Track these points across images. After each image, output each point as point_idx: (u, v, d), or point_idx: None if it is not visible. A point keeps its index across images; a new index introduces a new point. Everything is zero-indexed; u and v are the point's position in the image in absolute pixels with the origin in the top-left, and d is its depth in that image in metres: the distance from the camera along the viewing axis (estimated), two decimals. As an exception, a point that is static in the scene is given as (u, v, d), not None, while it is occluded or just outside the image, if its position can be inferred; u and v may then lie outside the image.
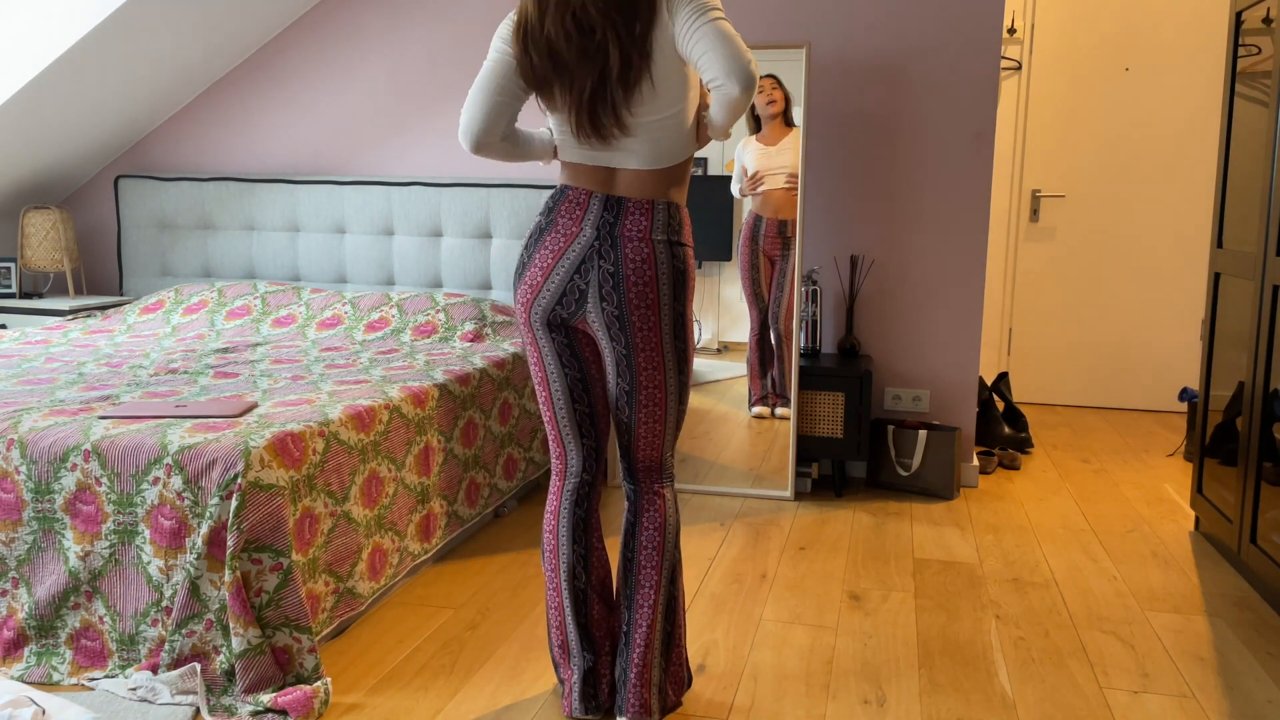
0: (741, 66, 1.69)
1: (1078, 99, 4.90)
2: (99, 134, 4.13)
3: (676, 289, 1.87)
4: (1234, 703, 2.11)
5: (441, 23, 3.96)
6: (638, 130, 1.82)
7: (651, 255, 1.85)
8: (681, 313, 1.89)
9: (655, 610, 1.93)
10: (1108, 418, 4.88)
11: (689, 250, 1.92)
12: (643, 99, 1.80)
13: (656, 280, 1.85)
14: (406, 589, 2.64)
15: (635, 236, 1.85)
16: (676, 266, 1.87)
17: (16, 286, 4.24)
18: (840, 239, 3.72)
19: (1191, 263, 4.90)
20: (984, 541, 3.09)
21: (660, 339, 1.88)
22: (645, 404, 1.92)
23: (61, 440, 2.13)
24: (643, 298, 1.85)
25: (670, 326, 1.89)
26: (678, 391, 1.94)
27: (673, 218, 1.88)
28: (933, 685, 2.16)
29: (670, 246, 1.87)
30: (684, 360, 1.93)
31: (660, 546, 1.95)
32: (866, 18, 3.59)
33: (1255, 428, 2.66)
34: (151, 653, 2.08)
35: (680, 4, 1.75)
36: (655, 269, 1.85)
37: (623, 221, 1.86)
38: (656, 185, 1.87)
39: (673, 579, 1.97)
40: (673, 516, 1.98)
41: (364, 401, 2.46)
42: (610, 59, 1.76)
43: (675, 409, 1.95)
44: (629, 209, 1.86)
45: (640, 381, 1.91)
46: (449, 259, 3.89)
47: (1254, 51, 2.83)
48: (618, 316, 1.87)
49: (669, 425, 1.95)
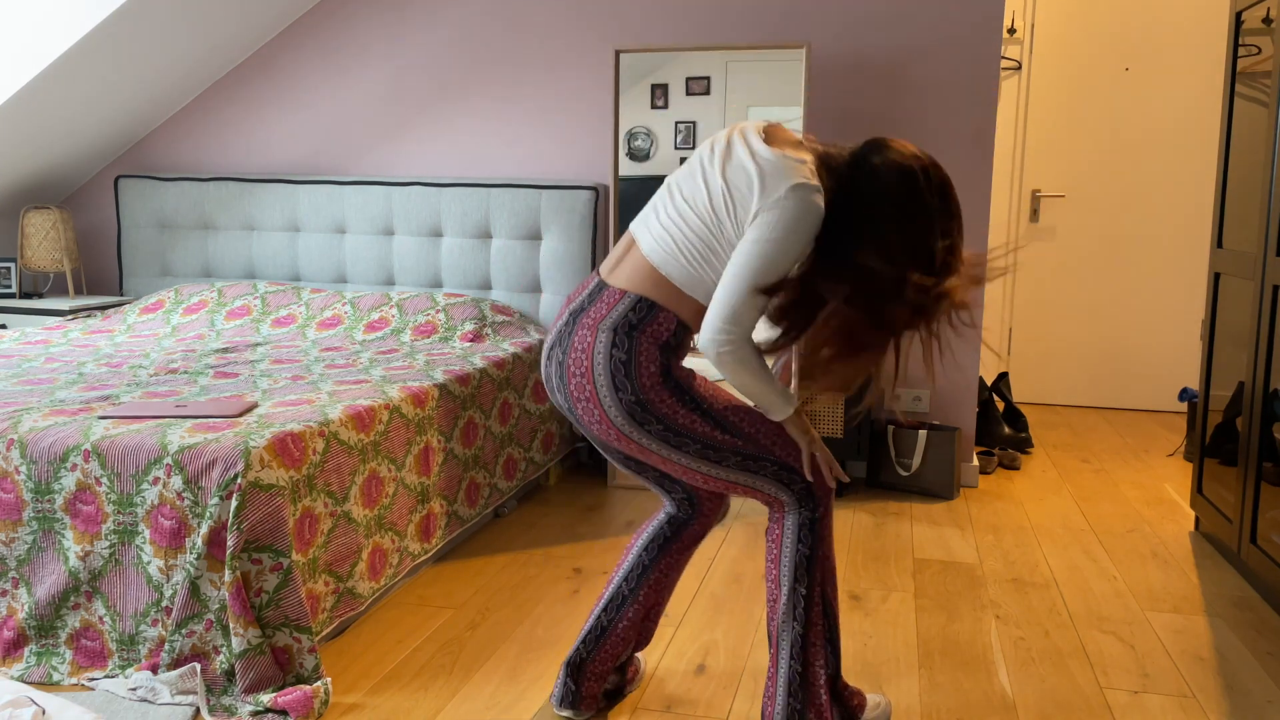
0: (710, 329, 1.64)
1: (1078, 99, 4.90)
2: (99, 134, 4.13)
3: (617, 380, 1.71)
4: (1234, 703, 2.11)
5: (441, 23, 3.96)
6: (676, 198, 1.76)
7: (590, 344, 1.74)
8: (638, 400, 1.72)
9: (777, 647, 1.84)
10: (1108, 418, 4.88)
11: (643, 340, 1.72)
12: (703, 178, 1.74)
13: (592, 371, 1.72)
14: (406, 589, 2.64)
15: (587, 324, 1.76)
16: (616, 356, 1.71)
17: (16, 286, 4.24)
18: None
19: (1191, 263, 4.90)
20: (984, 541, 3.09)
21: (623, 435, 1.75)
22: (666, 474, 1.90)
23: (61, 440, 2.13)
24: (581, 390, 1.74)
25: (624, 419, 1.73)
26: (690, 458, 1.77)
27: (639, 314, 1.73)
28: (933, 685, 2.16)
29: (614, 333, 1.72)
30: (676, 438, 1.75)
31: (775, 578, 1.83)
32: (866, 18, 3.59)
33: (1255, 428, 2.66)
34: (151, 653, 2.08)
35: (764, 193, 1.66)
36: (591, 359, 1.73)
37: (590, 308, 1.78)
38: (650, 282, 1.75)
39: (794, 613, 1.81)
40: (789, 548, 1.82)
41: (364, 401, 2.46)
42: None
43: (704, 465, 1.78)
44: (603, 295, 1.78)
45: (645, 464, 1.88)
46: (449, 259, 3.89)
47: (1254, 51, 2.83)
48: (569, 410, 1.79)
49: (715, 475, 1.80)
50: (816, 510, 1.81)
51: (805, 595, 1.80)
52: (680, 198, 1.76)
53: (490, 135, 3.98)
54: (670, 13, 3.75)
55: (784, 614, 1.81)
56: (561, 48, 3.86)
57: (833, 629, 1.84)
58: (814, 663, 1.81)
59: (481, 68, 3.95)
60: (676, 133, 3.49)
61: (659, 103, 3.50)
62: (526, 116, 3.93)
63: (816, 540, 1.81)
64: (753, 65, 3.42)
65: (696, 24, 3.73)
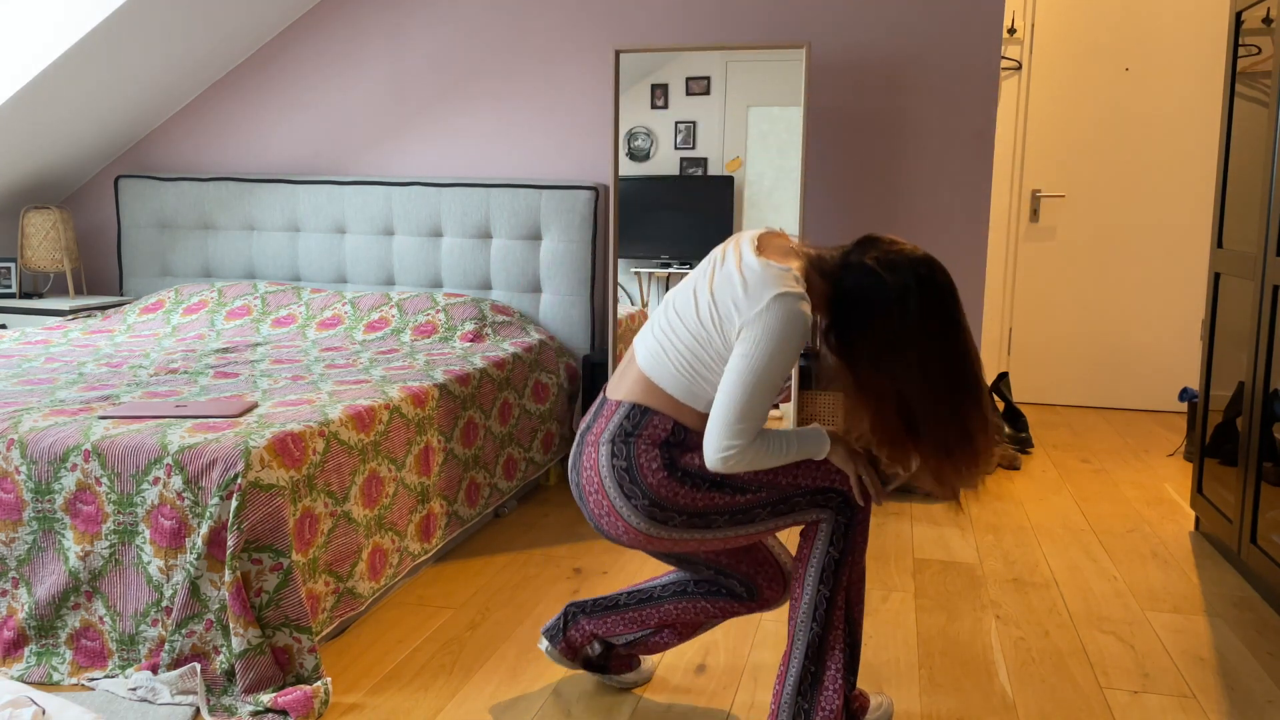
0: (710, 449, 1.65)
1: (1078, 99, 4.90)
2: (99, 134, 4.13)
3: (625, 489, 1.73)
4: (1234, 703, 2.11)
5: (441, 23, 3.96)
6: (671, 316, 1.78)
7: (595, 460, 1.76)
8: (652, 502, 1.73)
9: (791, 644, 1.83)
10: (1108, 418, 4.88)
11: (639, 444, 1.73)
12: (694, 292, 1.76)
13: (603, 486, 1.75)
14: (406, 589, 2.64)
15: (591, 441, 1.79)
16: (618, 466, 1.73)
17: (16, 286, 4.24)
18: (840, 239, 3.72)
19: (1191, 263, 4.90)
20: (984, 541, 3.09)
21: (652, 537, 1.76)
22: (720, 567, 1.94)
23: (61, 440, 2.13)
24: (600, 506, 1.77)
25: (646, 521, 1.74)
26: (724, 529, 1.77)
27: (634, 421, 1.75)
28: (933, 685, 2.16)
29: (612, 444, 1.74)
30: (703, 520, 1.75)
31: (801, 576, 1.82)
32: (866, 18, 3.59)
33: (1255, 428, 2.66)
34: (151, 653, 2.08)
35: (749, 304, 1.66)
36: (599, 474, 1.75)
37: (594, 425, 1.81)
38: (644, 391, 1.77)
39: (814, 614, 1.80)
40: (819, 549, 1.80)
41: (364, 401, 2.46)
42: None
43: (741, 530, 1.78)
44: (603, 411, 1.81)
45: (692, 558, 1.93)
46: (449, 259, 3.89)
47: (1254, 51, 2.83)
48: (599, 528, 1.82)
49: (755, 532, 1.80)
50: (855, 516, 1.81)
51: (828, 598, 1.79)
52: (674, 311, 1.79)
53: (490, 135, 3.98)
54: (670, 12, 3.75)
55: (804, 614, 1.80)
56: (561, 47, 3.86)
57: (853, 636, 1.82)
58: (829, 667, 1.80)
59: (482, 67, 3.95)
60: (676, 133, 3.49)
61: (659, 103, 3.50)
62: (526, 116, 3.93)
63: (849, 546, 1.80)
64: (753, 65, 3.42)
65: (696, 24, 3.73)
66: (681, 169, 3.48)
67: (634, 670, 2.13)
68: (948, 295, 1.71)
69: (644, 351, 1.79)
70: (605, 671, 2.10)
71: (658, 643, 2.05)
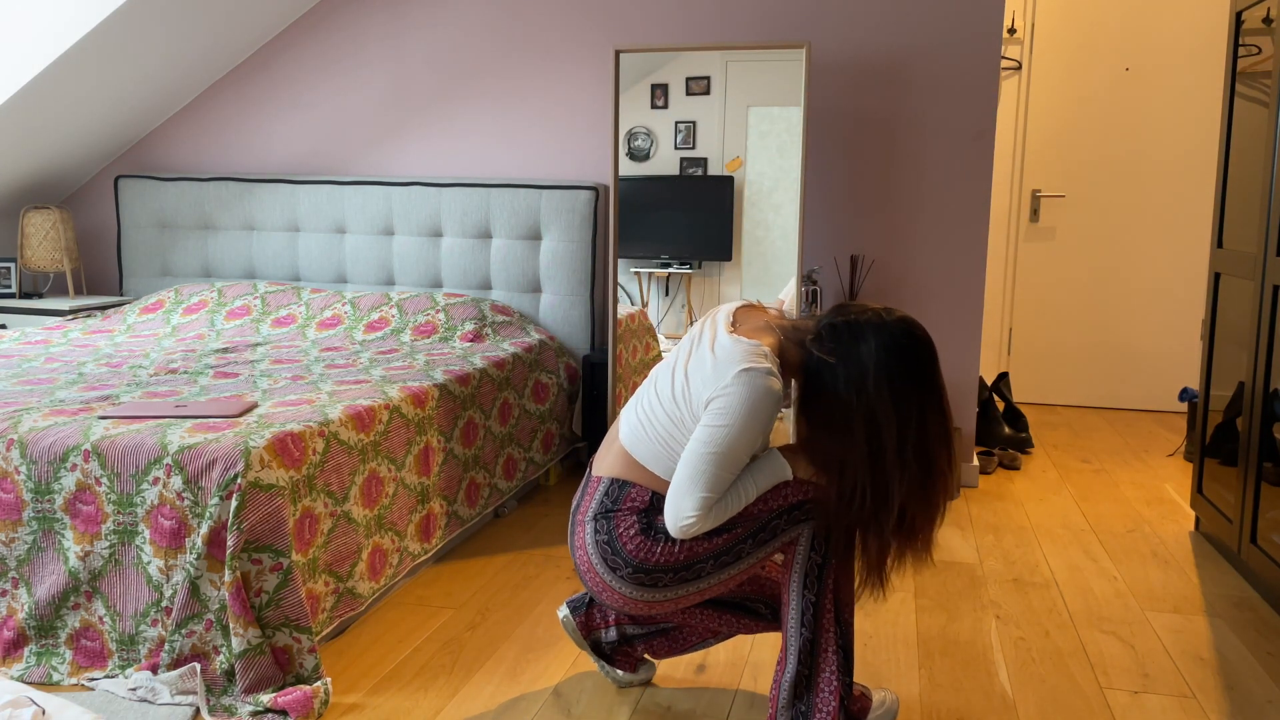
0: (670, 519, 1.68)
1: (1078, 99, 4.90)
2: (99, 134, 4.13)
3: (610, 562, 1.77)
4: (1234, 703, 2.11)
5: (441, 23, 3.96)
6: (651, 403, 1.81)
7: (584, 539, 1.81)
8: (636, 569, 1.76)
9: (784, 650, 1.83)
10: (1108, 418, 4.88)
11: (619, 517, 1.77)
12: (672, 368, 1.80)
13: (591, 563, 1.79)
14: (406, 589, 2.64)
15: (579, 520, 1.83)
16: (601, 541, 1.77)
17: (16, 286, 4.24)
18: (840, 239, 3.72)
19: (1191, 263, 4.90)
20: (984, 541, 3.09)
21: (649, 603, 1.80)
22: (719, 626, 1.99)
23: (61, 440, 2.13)
24: (596, 583, 1.81)
25: (636, 589, 1.77)
26: (714, 574, 1.79)
27: (613, 497, 1.79)
28: (933, 685, 2.16)
29: (595, 521, 1.79)
30: (690, 571, 1.77)
31: (787, 582, 1.83)
32: (866, 18, 3.59)
33: (1255, 428, 2.66)
34: (151, 653, 2.08)
35: (716, 379, 1.68)
36: (587, 553, 1.80)
37: (582, 503, 1.85)
38: (623, 465, 1.80)
39: (802, 619, 1.81)
40: (801, 554, 1.80)
41: (364, 401, 2.46)
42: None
43: (730, 570, 1.79)
44: (589, 488, 1.85)
45: (696, 610, 1.95)
46: (449, 259, 3.89)
47: (1254, 51, 2.83)
48: (604, 604, 1.86)
49: (745, 568, 1.81)
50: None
51: (814, 603, 1.79)
52: (654, 388, 1.83)
53: (490, 135, 3.98)
54: (670, 12, 3.75)
55: (792, 620, 1.80)
56: (561, 47, 3.86)
57: (845, 638, 1.81)
58: (823, 670, 1.79)
59: (481, 67, 3.95)
60: (676, 133, 3.49)
61: (659, 102, 3.49)
62: (526, 116, 3.93)
63: (830, 550, 1.80)
64: (753, 65, 3.42)
65: (696, 24, 3.73)
66: (681, 169, 3.48)
67: (635, 672, 2.13)
68: (913, 368, 1.70)
69: (626, 427, 1.84)
70: (610, 661, 2.10)
71: (669, 643, 2.07)
